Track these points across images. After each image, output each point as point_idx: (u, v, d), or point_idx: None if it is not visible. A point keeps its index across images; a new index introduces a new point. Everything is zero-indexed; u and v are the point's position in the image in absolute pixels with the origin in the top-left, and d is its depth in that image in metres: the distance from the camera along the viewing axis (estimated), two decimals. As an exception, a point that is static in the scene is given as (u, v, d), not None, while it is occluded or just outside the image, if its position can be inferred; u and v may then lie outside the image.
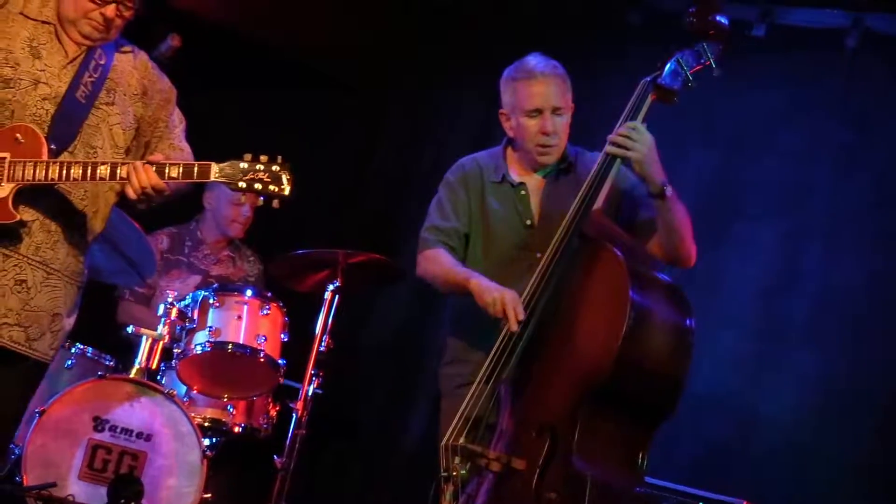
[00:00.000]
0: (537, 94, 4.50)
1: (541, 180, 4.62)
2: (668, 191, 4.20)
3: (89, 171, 3.90)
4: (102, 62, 4.13)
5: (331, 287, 5.91)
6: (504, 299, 4.17)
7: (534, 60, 4.57)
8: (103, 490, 5.16)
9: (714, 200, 6.31)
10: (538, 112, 4.49)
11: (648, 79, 4.28)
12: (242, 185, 3.88)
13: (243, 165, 3.88)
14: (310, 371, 5.82)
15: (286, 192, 3.92)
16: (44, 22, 4.10)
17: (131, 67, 4.25)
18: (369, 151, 7.77)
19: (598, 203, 4.19)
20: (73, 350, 5.63)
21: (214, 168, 3.89)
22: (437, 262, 4.60)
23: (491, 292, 4.23)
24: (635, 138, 4.19)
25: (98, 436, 5.25)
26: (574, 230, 4.16)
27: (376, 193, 7.69)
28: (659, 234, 4.33)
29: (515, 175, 4.64)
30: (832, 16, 6.39)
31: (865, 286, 6.06)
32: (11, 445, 5.17)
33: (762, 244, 6.31)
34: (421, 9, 7.48)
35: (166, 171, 3.90)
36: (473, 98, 7.50)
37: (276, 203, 3.95)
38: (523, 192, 4.59)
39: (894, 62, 6.24)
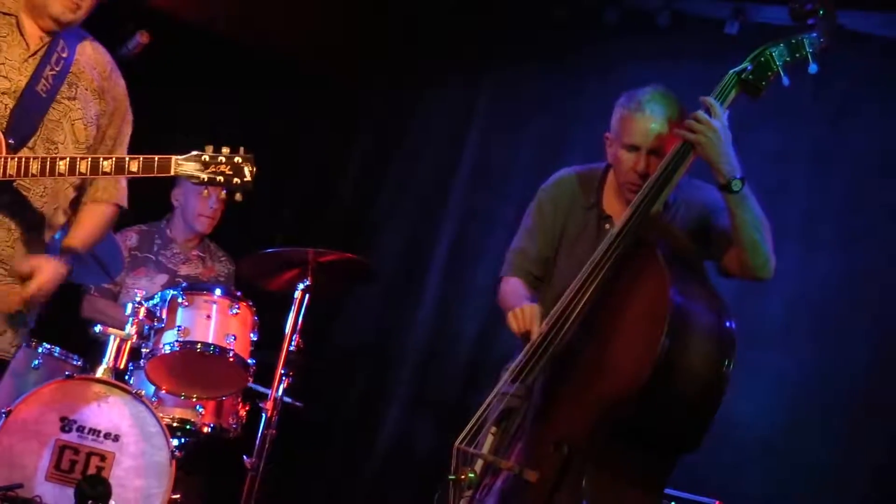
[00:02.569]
0: (638, 131, 4.25)
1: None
2: (737, 185, 3.97)
3: (48, 166, 3.83)
4: (65, 55, 4.06)
5: (301, 286, 5.88)
6: (523, 313, 4.10)
7: (648, 93, 4.30)
8: (70, 491, 5.11)
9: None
10: (635, 148, 4.26)
11: (736, 70, 4.06)
12: (204, 177, 3.82)
13: (205, 158, 3.82)
14: (279, 371, 5.79)
15: (249, 184, 3.85)
16: (5, 13, 4.02)
17: (92, 64, 4.18)
18: (341, 150, 7.74)
19: (658, 205, 4.01)
20: (39, 350, 5.57)
21: (175, 161, 3.82)
22: (508, 294, 4.50)
23: (513, 314, 4.14)
24: (700, 120, 3.97)
25: (65, 436, 5.19)
26: (629, 231, 3.98)
27: (347, 192, 7.67)
28: (733, 242, 4.10)
29: (607, 205, 4.46)
30: (801, 13, 6.38)
31: (840, 287, 6.04)
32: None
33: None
34: (392, 7, 7.45)
35: (126, 165, 3.83)
36: (446, 96, 7.49)
37: (238, 196, 3.89)
38: (607, 226, 4.37)
39: (864, 59, 6.23)
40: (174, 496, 5.41)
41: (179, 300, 5.75)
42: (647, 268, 3.81)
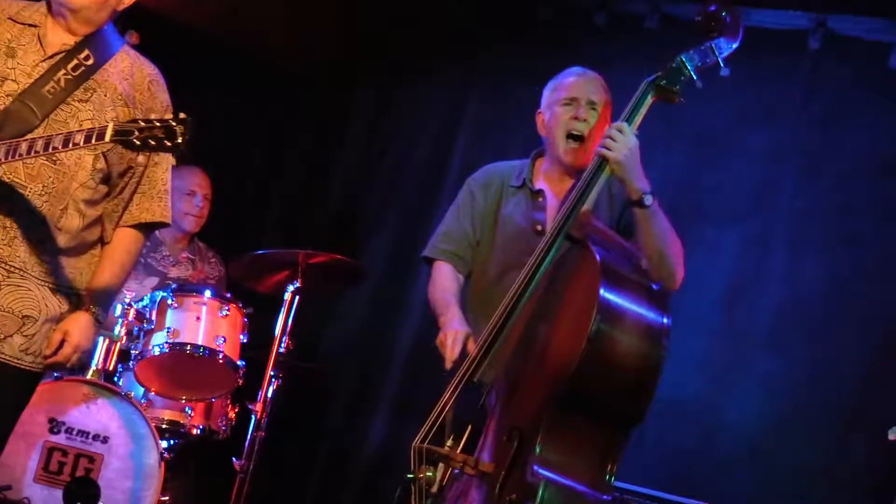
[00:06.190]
0: (574, 86, 4.50)
1: (563, 189, 4.49)
2: (648, 200, 4.08)
3: (12, 150, 3.77)
4: (88, 63, 4.03)
5: (291, 288, 5.89)
6: (445, 341, 4.24)
7: (575, 67, 4.62)
8: (59, 493, 5.13)
9: (678, 203, 6.28)
10: (573, 100, 4.47)
11: (650, 78, 4.14)
12: (137, 142, 3.72)
13: (140, 123, 3.73)
14: (269, 373, 5.79)
15: (181, 146, 3.73)
16: (30, 25, 4.03)
17: (125, 75, 4.14)
18: (332, 151, 7.73)
19: (588, 205, 4.08)
20: (28, 351, 5.55)
21: (110, 129, 3.72)
22: (435, 283, 4.64)
23: (440, 336, 4.30)
24: (616, 139, 4.06)
25: (54, 438, 5.20)
26: (561, 232, 4.07)
27: (338, 194, 7.66)
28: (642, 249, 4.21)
29: (537, 182, 4.59)
30: (794, 17, 6.39)
31: (830, 290, 6.05)
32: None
33: (726, 247, 6.29)
34: (387, 9, 7.45)
35: (72, 138, 3.75)
36: (438, 99, 7.48)
37: (172, 160, 3.89)
38: (540, 199, 4.53)
39: (857, 63, 6.25)
40: (163, 498, 5.42)
41: (169, 302, 5.75)
42: (582, 258, 3.94)
